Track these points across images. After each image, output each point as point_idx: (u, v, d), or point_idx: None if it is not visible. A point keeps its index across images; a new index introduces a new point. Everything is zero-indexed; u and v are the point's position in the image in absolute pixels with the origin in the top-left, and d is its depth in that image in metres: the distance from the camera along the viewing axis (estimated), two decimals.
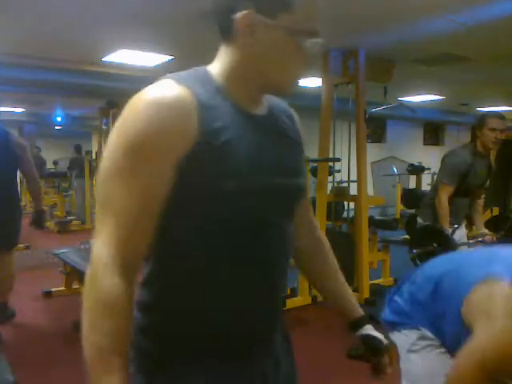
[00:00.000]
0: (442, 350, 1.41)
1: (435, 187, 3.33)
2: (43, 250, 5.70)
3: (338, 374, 2.95)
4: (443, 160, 3.28)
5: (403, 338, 1.48)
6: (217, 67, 0.90)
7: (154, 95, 0.80)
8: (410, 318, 1.47)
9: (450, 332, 1.34)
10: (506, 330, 1.09)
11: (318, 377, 2.88)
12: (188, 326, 0.86)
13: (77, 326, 3.03)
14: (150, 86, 0.83)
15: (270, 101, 0.96)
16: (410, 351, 1.46)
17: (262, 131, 0.89)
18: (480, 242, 3.39)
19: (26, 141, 3.94)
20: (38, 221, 3.76)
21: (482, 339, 1.13)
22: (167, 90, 0.80)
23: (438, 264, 1.50)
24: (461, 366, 1.17)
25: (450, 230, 3.06)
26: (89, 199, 8.55)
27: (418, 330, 1.44)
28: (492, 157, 3.38)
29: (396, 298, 1.55)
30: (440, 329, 1.39)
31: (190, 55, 4.88)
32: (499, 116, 3.13)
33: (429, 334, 1.41)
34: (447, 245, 2.89)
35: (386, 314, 1.58)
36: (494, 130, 3.07)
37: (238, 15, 0.82)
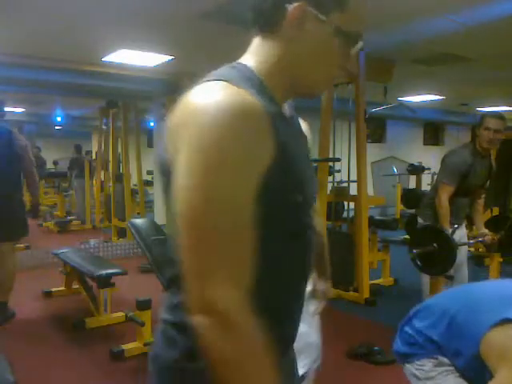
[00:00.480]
0: (458, 374, 1.40)
1: (435, 187, 3.33)
2: (43, 250, 5.70)
3: (338, 374, 2.95)
4: (443, 160, 3.27)
5: (418, 368, 1.46)
6: (254, 62, 0.83)
7: (232, 103, 0.70)
8: (424, 348, 1.45)
9: (467, 366, 1.33)
10: None
11: (317, 376, 2.88)
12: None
13: (77, 326, 3.04)
14: (210, 90, 0.74)
15: None
16: (427, 379, 1.45)
17: (297, 136, 0.87)
18: (480, 242, 3.39)
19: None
20: (34, 211, 4.18)
21: (505, 380, 1.13)
22: (242, 97, 0.72)
23: (451, 299, 1.46)
24: None
25: (450, 230, 3.06)
26: (89, 199, 8.55)
27: (435, 358, 1.42)
28: (492, 157, 3.37)
29: (407, 328, 1.53)
30: (455, 362, 1.38)
31: (190, 55, 4.89)
32: (497, 116, 3.11)
33: (445, 360, 1.40)
34: (447, 245, 2.89)
35: (398, 345, 1.56)
36: (488, 129, 3.05)
37: (291, 6, 0.78)
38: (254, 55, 0.84)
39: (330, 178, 4.98)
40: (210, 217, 0.67)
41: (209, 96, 0.72)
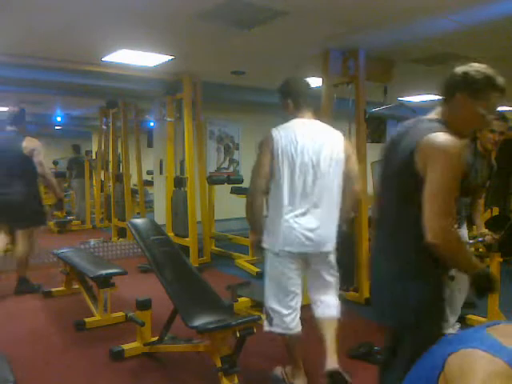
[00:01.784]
0: None
1: None
2: (43, 250, 5.70)
3: None
4: None
5: None
6: (441, 117, 1.75)
7: (455, 144, 1.59)
8: None
9: None
10: None
11: (318, 376, 2.88)
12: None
13: (77, 326, 3.05)
14: (445, 137, 1.60)
15: None
16: None
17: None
18: (480, 242, 3.39)
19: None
20: (57, 205, 4.92)
21: None
22: (455, 141, 1.60)
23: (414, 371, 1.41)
24: None
25: None
26: (89, 199, 8.54)
27: None
28: (492, 156, 3.37)
29: None
30: None
31: (189, 55, 4.89)
32: (501, 117, 3.11)
33: None
34: None
35: None
36: (493, 131, 3.06)
37: (459, 95, 1.70)
38: (439, 115, 1.77)
39: None
40: (447, 193, 1.56)
41: (446, 140, 1.58)
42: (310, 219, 2.47)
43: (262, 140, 2.56)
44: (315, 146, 2.51)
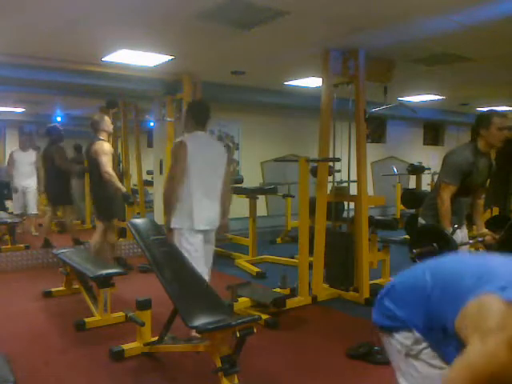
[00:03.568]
0: (436, 354, 1.39)
1: (436, 188, 3.33)
2: (43, 250, 5.71)
3: (338, 374, 2.95)
4: (444, 160, 3.27)
5: (399, 343, 1.46)
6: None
7: None
8: (403, 321, 1.44)
9: (445, 349, 1.32)
10: (499, 342, 1.06)
11: (318, 376, 2.88)
12: None
13: (77, 326, 3.04)
14: None
15: None
16: (408, 355, 1.45)
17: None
18: (480, 241, 3.39)
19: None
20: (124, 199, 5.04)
21: (473, 353, 1.11)
22: None
23: (428, 276, 1.44)
24: (451, 380, 1.14)
25: (450, 230, 3.05)
26: (88, 199, 8.53)
27: (412, 333, 1.41)
28: (492, 155, 3.38)
29: (386, 302, 1.51)
30: (432, 340, 1.37)
31: (189, 55, 4.89)
32: (504, 115, 3.15)
33: (422, 338, 1.40)
34: (447, 245, 2.89)
35: (378, 316, 1.54)
36: (501, 129, 3.08)
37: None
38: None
39: (330, 178, 4.97)
40: None
41: None
42: (210, 206, 3.33)
43: (176, 146, 3.29)
44: (211, 153, 3.36)
